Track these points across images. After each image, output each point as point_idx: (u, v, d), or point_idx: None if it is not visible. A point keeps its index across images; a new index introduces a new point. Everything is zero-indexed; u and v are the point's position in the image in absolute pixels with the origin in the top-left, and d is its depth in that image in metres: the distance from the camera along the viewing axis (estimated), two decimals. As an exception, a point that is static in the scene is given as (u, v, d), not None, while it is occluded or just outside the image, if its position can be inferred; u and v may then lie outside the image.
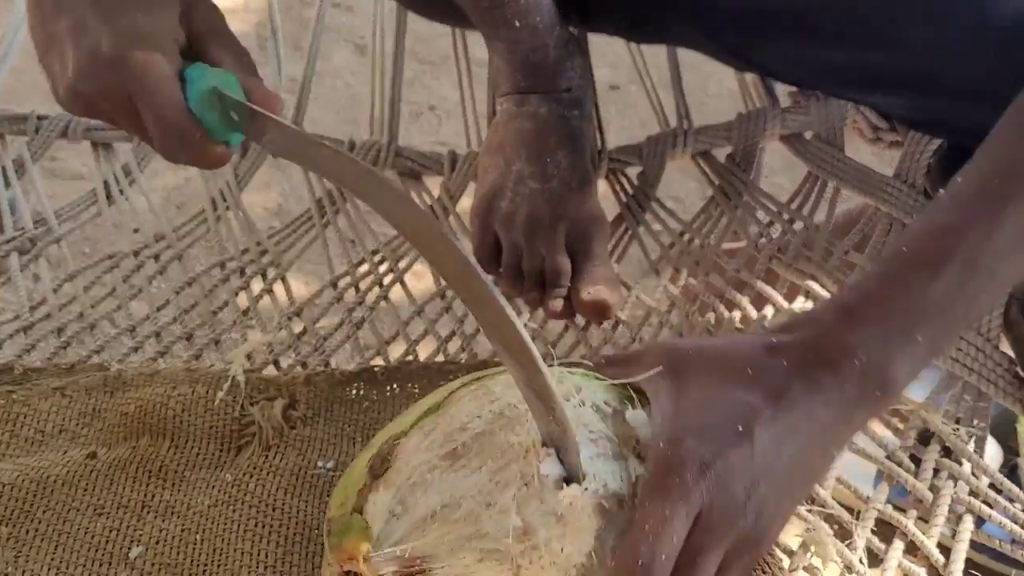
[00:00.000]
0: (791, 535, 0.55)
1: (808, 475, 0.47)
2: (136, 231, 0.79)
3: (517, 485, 0.43)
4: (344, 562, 0.45)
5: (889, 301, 0.46)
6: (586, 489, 0.44)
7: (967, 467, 0.58)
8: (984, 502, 0.56)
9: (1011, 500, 0.57)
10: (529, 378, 0.43)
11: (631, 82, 1.89)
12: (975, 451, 0.59)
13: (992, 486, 0.58)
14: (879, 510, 0.56)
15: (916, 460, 0.59)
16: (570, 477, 0.44)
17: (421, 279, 1.14)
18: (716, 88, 1.84)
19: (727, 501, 0.43)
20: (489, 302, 0.42)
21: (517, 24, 0.73)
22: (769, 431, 0.44)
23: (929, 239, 0.48)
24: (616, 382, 0.49)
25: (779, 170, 1.23)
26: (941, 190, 0.50)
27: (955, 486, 0.57)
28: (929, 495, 0.56)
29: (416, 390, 0.65)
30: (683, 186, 1.47)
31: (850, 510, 0.56)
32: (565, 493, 0.43)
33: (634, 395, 0.49)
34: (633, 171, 0.85)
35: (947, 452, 0.60)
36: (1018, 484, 0.99)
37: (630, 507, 0.44)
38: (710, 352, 0.49)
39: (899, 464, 0.58)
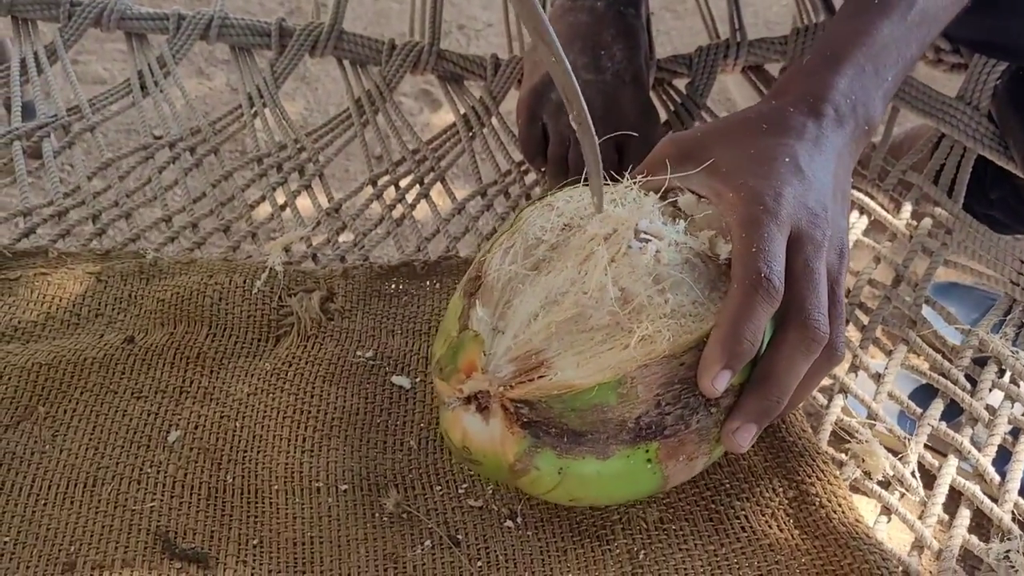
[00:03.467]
0: (843, 451, 0.54)
1: (846, 199, 0.51)
2: (159, 138, 0.77)
3: (605, 264, 0.44)
4: (463, 382, 0.45)
5: (864, 46, 0.52)
6: (671, 246, 0.45)
7: (1025, 388, 0.56)
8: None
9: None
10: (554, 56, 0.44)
11: (664, 8, 1.84)
12: (1034, 373, 0.57)
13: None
14: (933, 426, 0.55)
15: (972, 381, 0.57)
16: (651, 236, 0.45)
17: (463, 179, 1.12)
18: (751, 19, 1.79)
19: (810, 218, 0.46)
20: None
21: None
22: (811, 159, 0.48)
23: None
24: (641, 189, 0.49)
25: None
26: None
27: (1012, 407, 0.55)
28: (986, 415, 0.55)
29: (456, 285, 0.64)
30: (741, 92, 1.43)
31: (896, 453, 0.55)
32: (649, 249, 0.44)
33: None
34: (682, 82, 0.83)
35: (1002, 375, 0.58)
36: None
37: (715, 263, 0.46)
38: (717, 127, 0.51)
39: (955, 383, 0.57)
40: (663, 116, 0.80)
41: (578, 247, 0.45)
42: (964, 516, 0.50)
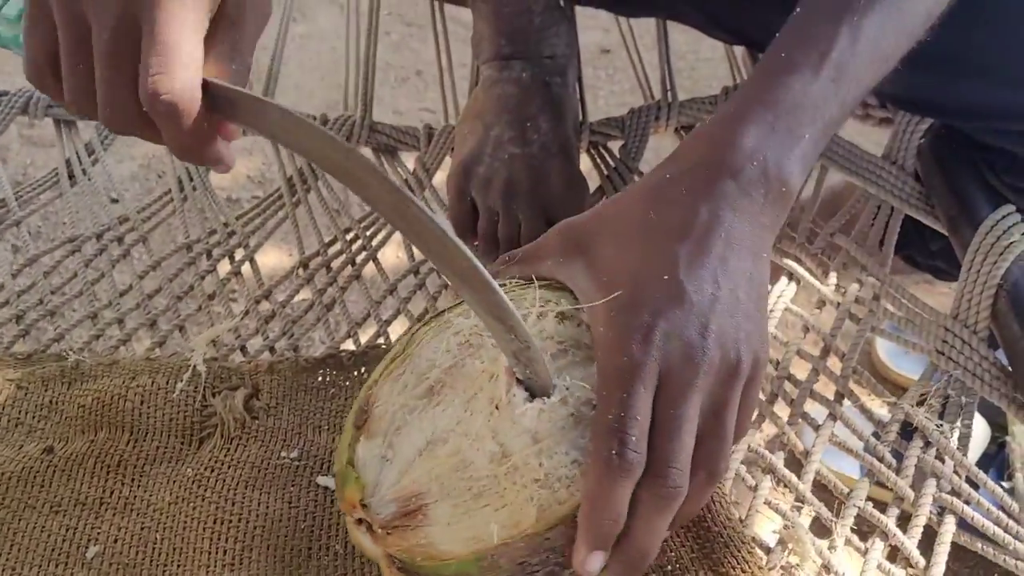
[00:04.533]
0: (768, 532, 0.54)
1: (753, 284, 0.46)
2: (115, 201, 0.76)
3: (488, 410, 0.43)
4: (350, 511, 0.46)
5: (775, 104, 0.48)
6: (557, 400, 0.43)
7: (950, 465, 0.56)
8: (966, 502, 0.54)
9: (993, 501, 0.55)
10: (485, 300, 0.41)
11: (623, 47, 1.85)
12: (958, 448, 0.57)
13: (970, 481, 0.56)
14: (859, 508, 0.54)
15: (898, 456, 0.57)
16: (536, 393, 0.43)
17: (396, 253, 1.12)
18: (709, 53, 1.80)
19: (684, 352, 0.43)
20: (431, 231, 0.39)
21: None
22: (694, 268, 0.44)
23: (802, 47, 0.50)
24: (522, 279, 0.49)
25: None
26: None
27: (936, 484, 0.55)
28: (911, 493, 0.55)
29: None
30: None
31: (829, 505, 0.55)
32: (531, 408, 0.43)
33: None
34: (616, 144, 0.83)
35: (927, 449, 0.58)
36: (1005, 462, 0.98)
37: None
38: (606, 213, 0.49)
39: (880, 459, 0.57)
40: (596, 180, 0.80)
41: (469, 378, 0.44)
42: (890, 601, 0.50)
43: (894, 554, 0.53)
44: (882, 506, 0.55)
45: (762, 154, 0.47)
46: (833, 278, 0.68)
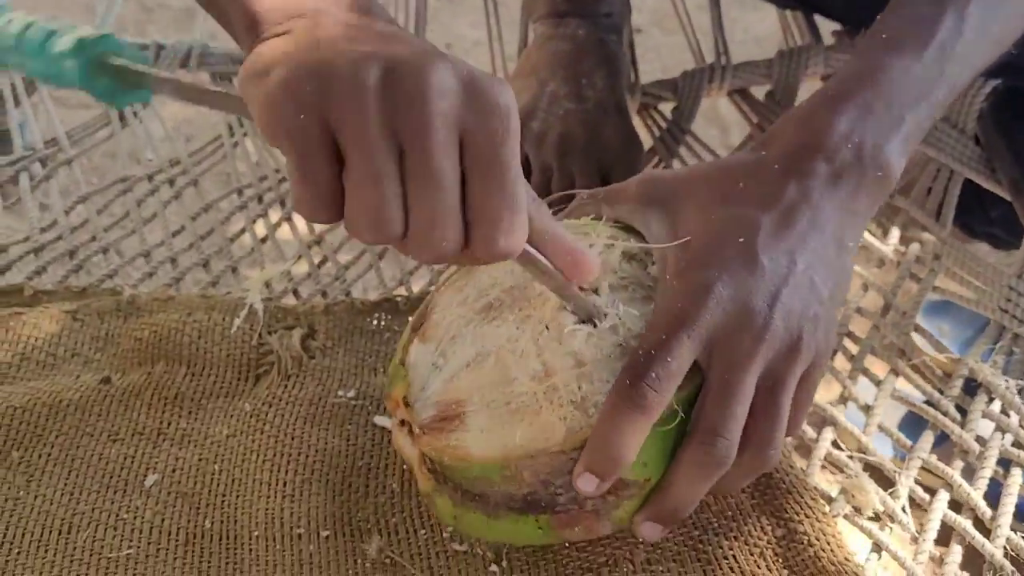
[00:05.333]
0: (830, 484, 0.53)
1: (831, 271, 0.45)
2: (151, 160, 0.76)
3: (538, 330, 0.44)
4: (393, 410, 0.47)
5: (875, 85, 0.47)
6: (607, 328, 0.43)
7: (1015, 419, 0.55)
8: (1034, 455, 0.54)
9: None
10: (551, 283, 0.42)
11: (653, 24, 1.84)
12: (1023, 403, 0.56)
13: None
14: (923, 459, 0.54)
15: (962, 411, 0.57)
16: (586, 319, 0.44)
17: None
18: (741, 35, 1.79)
19: (745, 317, 0.42)
20: None
21: None
22: (773, 239, 0.43)
23: (905, 28, 0.48)
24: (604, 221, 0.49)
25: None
26: None
27: (1003, 438, 0.55)
28: (976, 446, 0.54)
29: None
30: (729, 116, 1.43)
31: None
32: (580, 332, 0.43)
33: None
34: (667, 107, 0.82)
35: (991, 404, 0.57)
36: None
37: None
38: (694, 174, 0.48)
39: (944, 414, 0.56)
40: (648, 142, 0.79)
41: (526, 299, 0.45)
42: (956, 552, 0.50)
43: (956, 508, 0.52)
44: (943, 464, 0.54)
45: (858, 137, 0.46)
46: (893, 237, 0.68)
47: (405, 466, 0.53)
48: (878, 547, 0.50)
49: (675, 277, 0.43)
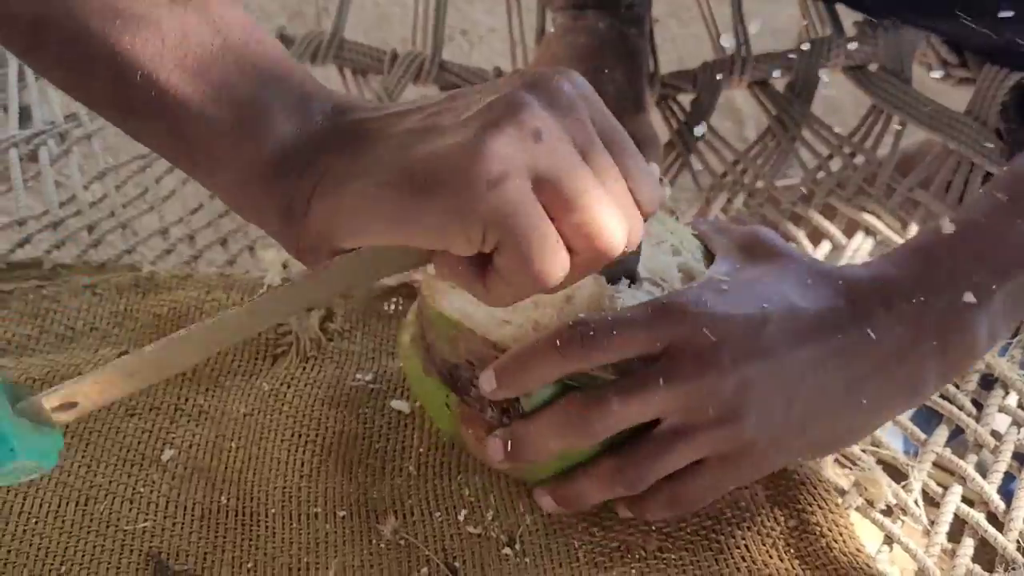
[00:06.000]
0: (843, 477, 0.53)
1: (820, 403, 0.43)
2: None
3: (590, 289, 0.45)
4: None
5: (962, 246, 0.43)
6: (643, 291, 0.46)
7: (1032, 414, 0.55)
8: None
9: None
10: None
11: (670, 15, 1.83)
12: (1041, 399, 0.56)
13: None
14: (937, 453, 0.54)
15: (978, 404, 0.57)
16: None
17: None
18: (759, 26, 1.79)
19: (708, 352, 0.41)
20: None
21: None
22: (790, 328, 0.42)
23: (1013, 185, 0.44)
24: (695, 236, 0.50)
25: (830, 112, 1.19)
26: None
27: (1019, 432, 0.55)
28: (992, 440, 0.54)
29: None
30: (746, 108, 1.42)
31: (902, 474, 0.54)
32: (585, 280, 0.44)
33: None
34: (686, 98, 0.82)
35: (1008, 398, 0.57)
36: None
37: None
38: (789, 252, 0.47)
39: (960, 408, 0.56)
40: (666, 133, 0.79)
41: None
42: (968, 546, 0.50)
43: (969, 504, 0.52)
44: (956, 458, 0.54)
45: (927, 296, 0.42)
46: (912, 231, 0.68)
47: (421, 449, 0.53)
48: (889, 540, 0.50)
49: (694, 292, 0.43)
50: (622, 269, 0.45)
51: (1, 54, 1.14)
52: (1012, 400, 0.56)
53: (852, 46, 0.79)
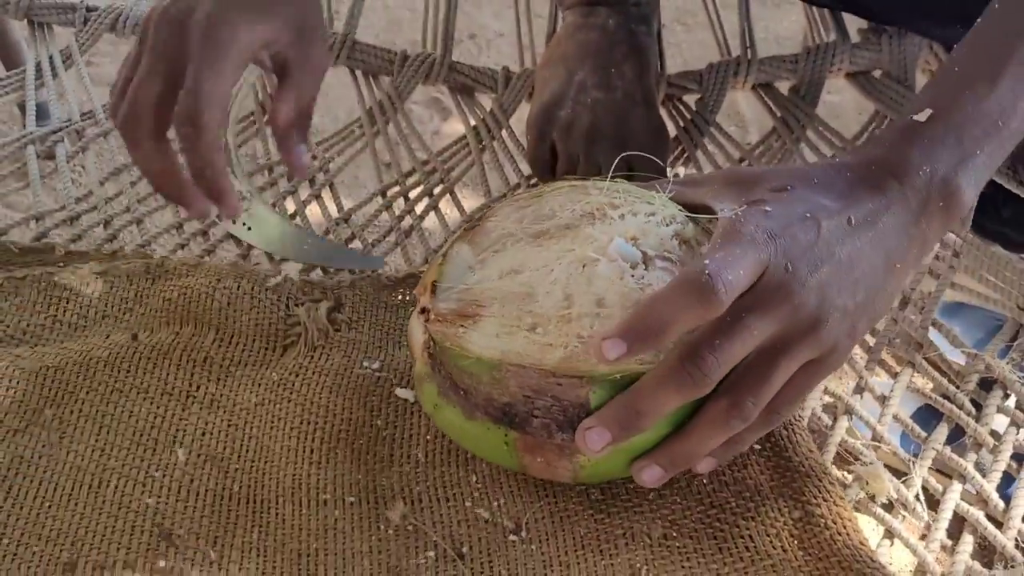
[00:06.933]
0: (846, 471, 0.54)
1: (872, 278, 0.46)
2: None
3: (575, 268, 0.46)
4: (420, 294, 0.49)
5: (948, 116, 0.48)
6: (637, 282, 0.45)
7: (1031, 414, 0.56)
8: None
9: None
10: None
11: (676, 21, 1.85)
12: (1040, 399, 0.57)
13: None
14: (937, 450, 0.55)
15: (977, 405, 0.57)
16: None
17: (472, 188, 1.13)
18: (762, 33, 1.80)
19: (787, 274, 0.43)
20: None
21: None
22: (835, 223, 0.45)
23: (978, 58, 0.49)
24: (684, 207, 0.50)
25: (831, 117, 1.20)
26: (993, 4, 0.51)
27: (1017, 433, 0.55)
28: (991, 440, 0.55)
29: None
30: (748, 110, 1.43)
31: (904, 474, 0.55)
32: (607, 279, 0.45)
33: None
34: (692, 98, 0.83)
35: (1007, 400, 0.58)
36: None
37: None
38: (777, 169, 0.50)
39: (960, 407, 0.57)
40: (672, 132, 0.80)
41: (575, 239, 0.47)
42: (967, 542, 0.50)
43: (969, 502, 0.53)
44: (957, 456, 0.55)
45: (928, 165, 0.47)
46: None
47: (429, 436, 0.54)
48: (891, 534, 0.51)
49: (738, 218, 0.45)
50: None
51: (18, 53, 1.16)
52: (1011, 402, 0.57)
53: (857, 51, 0.80)
